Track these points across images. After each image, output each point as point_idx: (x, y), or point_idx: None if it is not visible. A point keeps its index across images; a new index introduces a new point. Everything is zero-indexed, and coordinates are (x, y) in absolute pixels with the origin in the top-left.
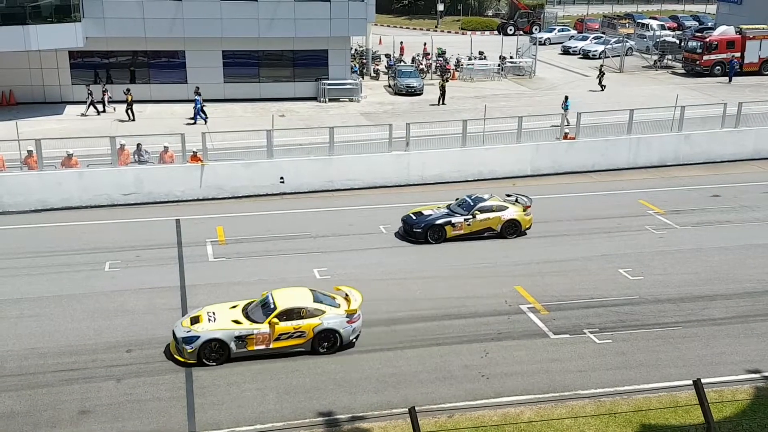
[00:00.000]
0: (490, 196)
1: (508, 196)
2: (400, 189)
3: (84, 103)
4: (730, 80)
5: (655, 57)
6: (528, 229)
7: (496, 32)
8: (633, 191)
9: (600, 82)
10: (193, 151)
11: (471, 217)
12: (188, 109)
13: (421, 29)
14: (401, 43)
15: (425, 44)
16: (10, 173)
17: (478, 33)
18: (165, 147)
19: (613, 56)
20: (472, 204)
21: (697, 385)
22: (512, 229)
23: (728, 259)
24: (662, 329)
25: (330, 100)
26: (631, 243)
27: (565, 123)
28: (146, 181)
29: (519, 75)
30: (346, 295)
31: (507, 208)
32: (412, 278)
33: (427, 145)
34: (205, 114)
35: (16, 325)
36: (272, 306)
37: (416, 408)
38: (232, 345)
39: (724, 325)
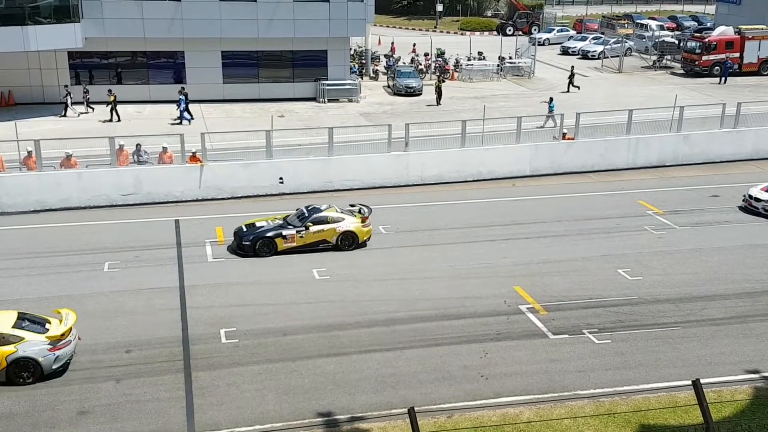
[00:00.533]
0: (328, 206)
1: (352, 206)
2: (400, 189)
3: (69, 105)
4: (724, 81)
5: (654, 57)
6: (367, 240)
7: (495, 33)
8: (632, 191)
9: (571, 82)
10: (192, 152)
11: (304, 228)
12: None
13: (420, 30)
14: (392, 42)
15: (414, 44)
16: (9, 174)
17: (477, 33)
18: (164, 147)
19: (612, 57)
20: (306, 215)
21: (696, 386)
22: (349, 241)
23: (727, 259)
24: (661, 329)
25: (329, 101)
26: (630, 243)
27: (550, 124)
28: (145, 182)
29: (518, 75)
30: (62, 319)
31: (344, 219)
32: (411, 278)
33: (426, 146)
34: (189, 114)
35: None
36: None
37: (415, 408)
38: None
39: (723, 326)
